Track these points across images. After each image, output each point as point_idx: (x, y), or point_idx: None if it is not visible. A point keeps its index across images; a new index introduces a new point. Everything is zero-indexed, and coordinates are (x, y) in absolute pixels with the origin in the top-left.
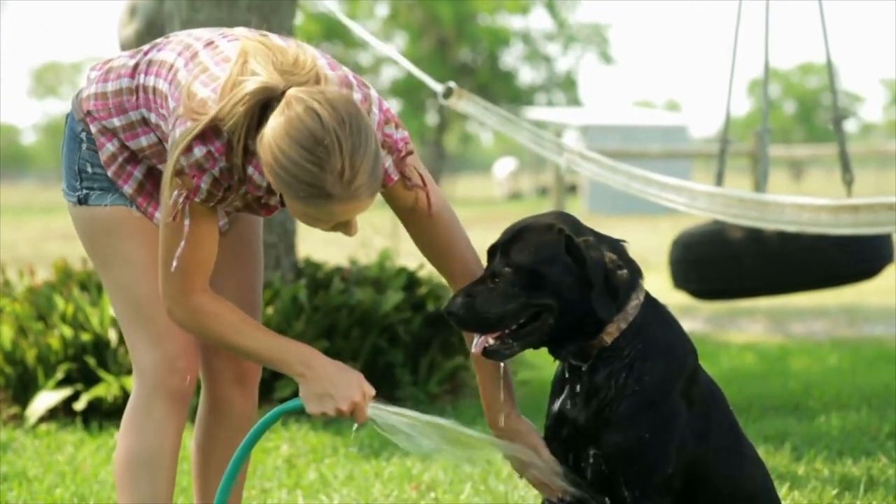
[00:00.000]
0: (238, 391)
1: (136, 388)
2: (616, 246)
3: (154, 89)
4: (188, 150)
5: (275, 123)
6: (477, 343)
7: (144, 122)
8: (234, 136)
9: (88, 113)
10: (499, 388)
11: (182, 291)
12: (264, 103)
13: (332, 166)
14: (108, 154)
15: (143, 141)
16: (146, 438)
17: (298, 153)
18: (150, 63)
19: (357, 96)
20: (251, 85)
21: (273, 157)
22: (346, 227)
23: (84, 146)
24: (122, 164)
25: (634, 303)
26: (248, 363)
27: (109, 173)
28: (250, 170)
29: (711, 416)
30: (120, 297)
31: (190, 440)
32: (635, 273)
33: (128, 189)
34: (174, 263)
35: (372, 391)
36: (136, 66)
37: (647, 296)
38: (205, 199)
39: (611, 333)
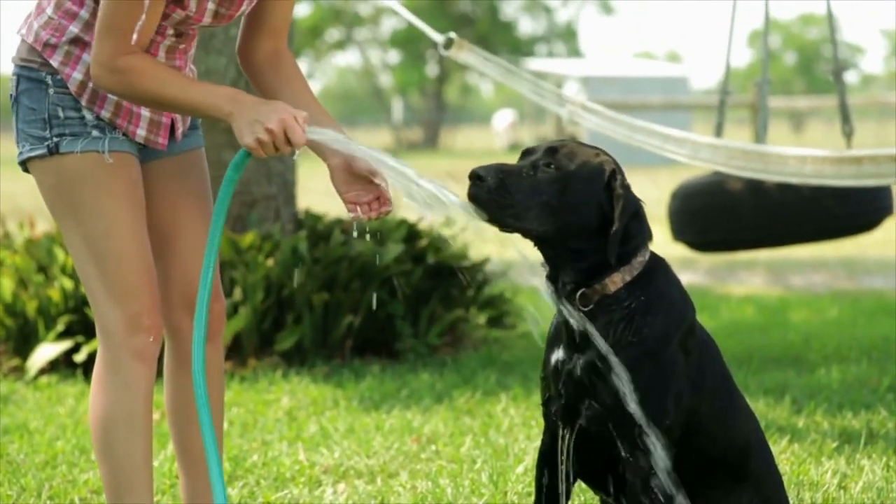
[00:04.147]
0: (206, 344)
1: (101, 349)
2: (637, 199)
3: None
4: None
5: None
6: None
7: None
8: None
9: (46, 45)
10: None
11: (115, 54)
12: None
13: None
14: (77, 83)
15: None
16: (117, 401)
17: None
18: None
19: None
20: None
21: None
22: None
23: (52, 90)
24: (94, 89)
25: (640, 259)
26: (212, 316)
27: (83, 101)
28: None
29: (705, 367)
30: (85, 251)
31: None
32: (647, 230)
33: (105, 113)
34: (134, 37)
35: (304, 113)
36: None
37: (653, 254)
38: None
39: (615, 283)
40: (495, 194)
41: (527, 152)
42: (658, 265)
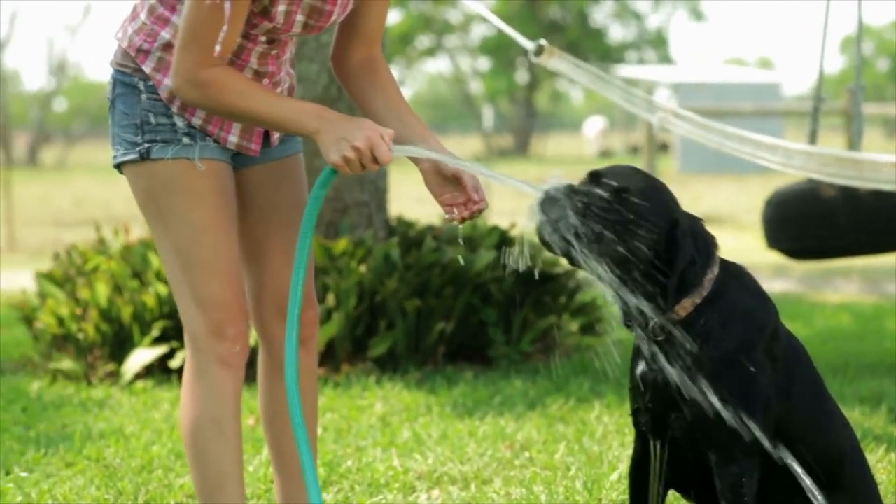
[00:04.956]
0: (299, 350)
1: (188, 355)
2: (695, 221)
3: None
4: None
5: None
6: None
7: None
8: None
9: (139, 51)
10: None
11: (197, 66)
12: None
13: None
14: (169, 90)
15: None
16: (205, 406)
17: None
18: None
19: None
20: None
21: None
22: None
23: (144, 96)
24: None
25: (709, 277)
26: (305, 323)
27: (174, 108)
28: None
29: (794, 373)
30: (173, 257)
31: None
32: (711, 245)
33: (196, 120)
34: (217, 48)
35: (390, 131)
36: None
37: (724, 264)
38: None
39: (685, 308)
40: (563, 216)
41: (596, 176)
42: (731, 275)
